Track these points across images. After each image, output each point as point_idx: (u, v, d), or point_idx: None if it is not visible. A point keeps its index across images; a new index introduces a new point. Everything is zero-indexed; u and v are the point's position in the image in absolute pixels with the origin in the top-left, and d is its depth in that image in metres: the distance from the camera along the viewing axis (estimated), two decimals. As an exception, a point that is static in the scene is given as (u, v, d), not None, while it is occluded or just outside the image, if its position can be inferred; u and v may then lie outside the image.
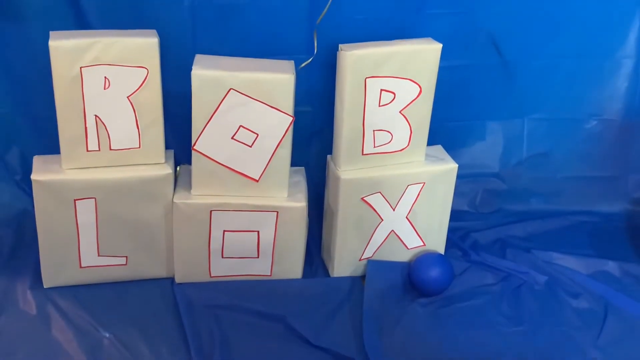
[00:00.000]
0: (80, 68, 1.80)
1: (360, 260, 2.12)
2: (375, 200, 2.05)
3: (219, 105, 1.85)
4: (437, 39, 1.99)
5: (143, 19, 2.03)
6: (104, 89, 1.84)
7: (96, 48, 1.79)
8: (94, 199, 1.92)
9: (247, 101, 1.85)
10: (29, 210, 2.19)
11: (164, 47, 1.87)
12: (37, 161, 1.94)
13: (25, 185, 2.24)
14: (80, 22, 2.04)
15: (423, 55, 1.95)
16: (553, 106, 2.41)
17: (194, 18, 2.09)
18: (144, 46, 1.83)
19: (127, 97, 1.87)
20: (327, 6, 1.97)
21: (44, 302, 1.94)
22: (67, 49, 1.78)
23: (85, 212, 1.93)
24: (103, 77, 1.83)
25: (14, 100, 2.18)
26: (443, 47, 1.95)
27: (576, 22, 2.28)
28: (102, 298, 1.98)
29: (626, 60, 2.35)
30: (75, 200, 1.91)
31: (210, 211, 1.96)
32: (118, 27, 1.89)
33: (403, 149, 2.05)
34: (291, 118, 1.89)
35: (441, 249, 2.20)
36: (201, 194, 1.97)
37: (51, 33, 1.80)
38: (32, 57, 2.06)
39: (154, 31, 1.88)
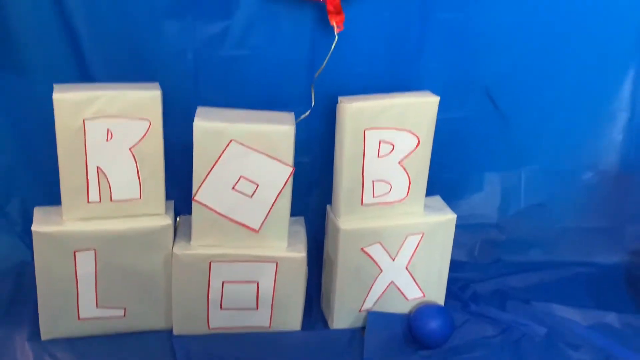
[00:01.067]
0: (84, 120, 1.82)
1: (360, 311, 2.11)
2: (375, 251, 2.05)
3: (220, 156, 1.87)
4: (435, 91, 2.03)
5: (146, 71, 2.07)
6: (107, 140, 1.86)
7: (99, 101, 1.82)
8: (93, 250, 1.92)
9: (247, 152, 1.87)
10: (28, 261, 2.19)
11: (166, 99, 1.90)
12: (38, 212, 1.95)
13: (25, 237, 2.24)
14: (84, 74, 2.07)
15: (421, 108, 1.98)
16: (550, 157, 2.43)
17: (197, 70, 2.12)
18: (146, 99, 1.86)
19: (129, 148, 1.89)
20: (326, 60, 2.01)
21: (41, 355, 1.92)
22: (70, 102, 1.81)
23: (85, 263, 1.93)
24: (106, 129, 1.85)
25: (16, 151, 2.19)
26: (440, 100, 1.98)
27: (570, 74, 2.32)
28: (100, 351, 1.96)
29: (620, 113, 2.38)
30: (75, 251, 1.91)
31: (210, 262, 1.96)
32: (122, 79, 1.93)
33: (402, 200, 2.06)
34: (291, 169, 1.91)
35: (441, 300, 2.19)
36: (201, 245, 1.98)
37: (55, 86, 1.83)
38: (35, 109, 2.09)
39: (157, 84, 1.91)
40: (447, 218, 2.10)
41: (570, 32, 2.27)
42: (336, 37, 1.99)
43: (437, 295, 2.18)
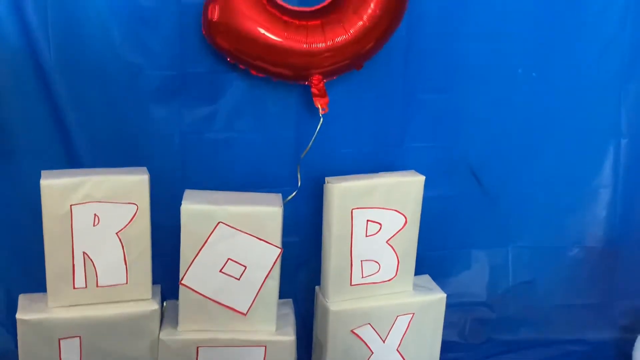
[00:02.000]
0: (71, 206, 1.82)
1: (351, 395, 2.07)
2: (365, 332, 2.03)
3: (208, 238, 1.87)
4: (420, 170, 2.05)
5: (134, 155, 2.07)
6: (93, 225, 1.86)
7: (87, 186, 1.83)
8: (79, 338, 1.89)
9: (235, 234, 1.87)
10: (11, 349, 2.13)
11: (153, 182, 1.91)
12: (23, 300, 1.92)
13: (9, 325, 2.19)
14: (72, 160, 2.08)
15: (407, 187, 2.00)
16: (536, 234, 2.45)
17: (184, 154, 2.14)
18: (134, 183, 1.86)
19: (116, 233, 1.88)
20: (311, 141, 2.04)
21: None
22: (58, 188, 1.81)
23: (70, 350, 1.89)
24: (93, 214, 1.85)
25: (1, 238, 2.17)
26: (426, 179, 2.00)
27: (552, 151, 2.36)
28: None
29: (603, 189, 2.41)
30: (60, 339, 1.87)
31: (197, 347, 1.93)
32: (110, 164, 1.94)
33: (391, 279, 2.06)
34: (279, 250, 1.90)
35: (433, 382, 2.16)
36: (188, 330, 1.95)
37: (43, 172, 1.84)
38: (21, 195, 2.08)
39: (144, 168, 1.92)
40: (437, 297, 2.09)
41: (552, 111, 2.32)
42: (321, 119, 2.02)
43: (430, 377, 2.15)
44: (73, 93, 2.04)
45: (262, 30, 1.88)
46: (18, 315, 1.85)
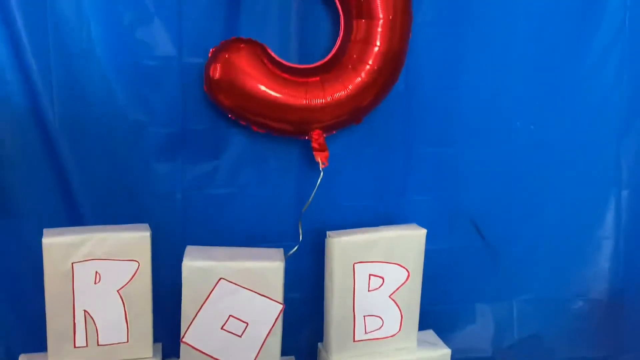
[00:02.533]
0: (72, 264, 1.82)
1: None
2: (369, 389, 2.00)
3: (209, 294, 1.86)
4: (421, 223, 2.05)
5: (136, 212, 2.08)
6: (95, 283, 1.85)
7: (88, 244, 1.83)
8: (78, 397, 1.86)
9: (237, 290, 1.86)
10: (10, 411, 2.11)
11: (155, 239, 1.91)
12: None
13: (8, 385, 2.17)
14: (74, 217, 2.08)
15: (409, 241, 2.00)
16: (539, 287, 2.43)
17: (186, 210, 2.14)
18: (135, 240, 1.87)
19: (117, 290, 1.87)
20: (312, 195, 2.05)
21: None
22: (59, 246, 1.81)
23: (70, 410, 1.87)
24: (94, 271, 1.84)
25: (2, 296, 2.16)
26: (427, 232, 2.00)
27: (554, 203, 2.36)
28: None
29: (605, 241, 2.41)
30: (60, 398, 1.85)
31: (200, 406, 1.90)
32: (111, 221, 1.94)
33: (394, 335, 2.04)
34: (281, 306, 1.89)
35: None
36: (189, 388, 1.92)
37: (45, 231, 1.85)
38: (22, 254, 2.07)
39: (146, 225, 1.93)
40: (441, 353, 2.07)
41: (551, 163, 2.34)
42: (321, 173, 2.04)
43: None
44: (76, 152, 2.06)
45: (263, 87, 1.91)
46: (19, 376, 1.83)
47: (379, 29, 1.92)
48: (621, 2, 2.26)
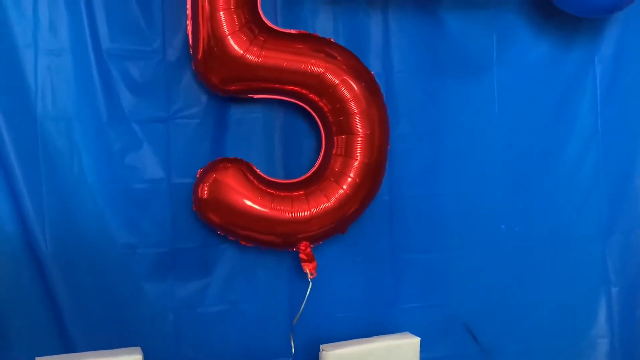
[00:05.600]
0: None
1: None
2: None
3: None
4: (415, 331, 2.06)
5: (128, 335, 2.07)
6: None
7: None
8: None
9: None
10: None
11: (147, 360, 1.90)
12: None
13: None
14: (66, 344, 2.06)
15: (403, 350, 2.00)
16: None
17: (178, 330, 2.13)
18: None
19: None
20: (302, 307, 2.05)
21: None
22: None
23: None
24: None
25: None
26: (421, 339, 2.00)
27: (545, 304, 2.37)
28: None
29: (601, 339, 2.40)
30: None
31: None
32: (104, 346, 1.93)
33: None
34: None
35: None
36: None
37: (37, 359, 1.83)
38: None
39: (138, 348, 1.92)
40: None
41: (539, 264, 2.37)
42: (310, 284, 2.05)
43: None
44: (67, 279, 2.06)
45: (250, 203, 1.97)
46: None
47: (359, 144, 2.01)
48: (592, 108, 2.35)
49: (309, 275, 2.04)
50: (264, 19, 1.99)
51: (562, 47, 2.30)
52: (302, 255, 2.03)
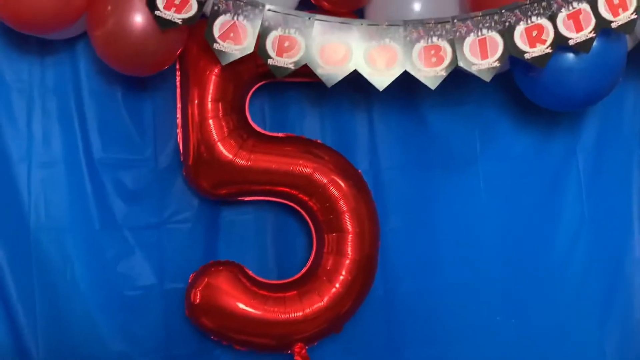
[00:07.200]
0: None
1: None
2: None
3: None
4: None
5: None
6: None
7: None
8: None
9: None
10: None
11: None
12: None
13: None
14: None
15: None
16: None
17: None
18: None
19: None
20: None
21: None
22: None
23: None
24: None
25: None
26: None
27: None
28: None
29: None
30: None
31: None
32: None
33: None
34: None
35: None
36: None
37: None
38: None
39: None
40: None
41: (538, 354, 2.32)
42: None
43: None
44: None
45: (243, 306, 1.97)
46: None
47: (349, 242, 2.02)
48: (577, 197, 2.35)
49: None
50: (252, 123, 2.05)
51: (544, 139, 2.33)
52: (297, 358, 2.01)
